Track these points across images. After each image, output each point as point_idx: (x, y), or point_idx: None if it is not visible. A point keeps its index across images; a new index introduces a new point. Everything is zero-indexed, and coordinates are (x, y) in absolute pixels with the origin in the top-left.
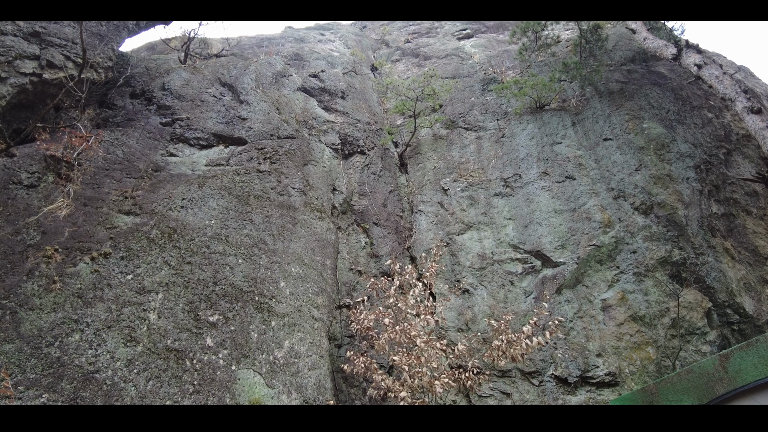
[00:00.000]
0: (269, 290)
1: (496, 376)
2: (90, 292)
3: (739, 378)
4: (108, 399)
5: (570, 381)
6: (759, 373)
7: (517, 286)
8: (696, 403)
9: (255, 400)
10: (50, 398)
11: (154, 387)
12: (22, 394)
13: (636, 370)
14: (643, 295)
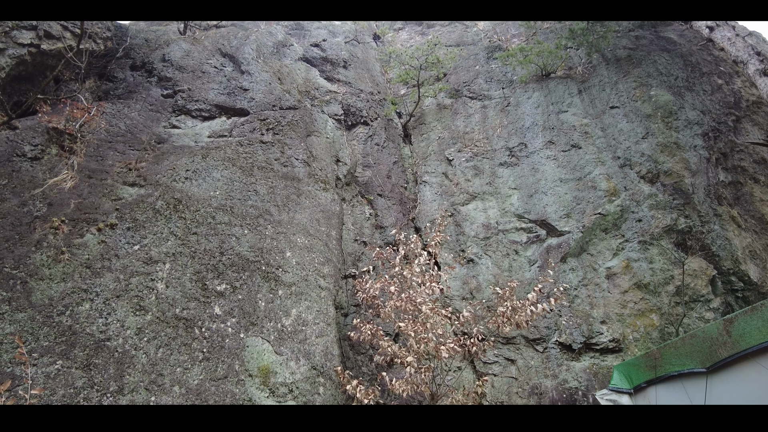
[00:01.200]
0: (276, 260)
1: (500, 343)
2: (98, 263)
3: (742, 341)
4: (120, 366)
5: (574, 347)
6: (763, 336)
7: (522, 256)
8: (699, 367)
9: (263, 367)
10: (64, 365)
11: (164, 354)
12: (36, 361)
13: (639, 336)
14: (648, 264)
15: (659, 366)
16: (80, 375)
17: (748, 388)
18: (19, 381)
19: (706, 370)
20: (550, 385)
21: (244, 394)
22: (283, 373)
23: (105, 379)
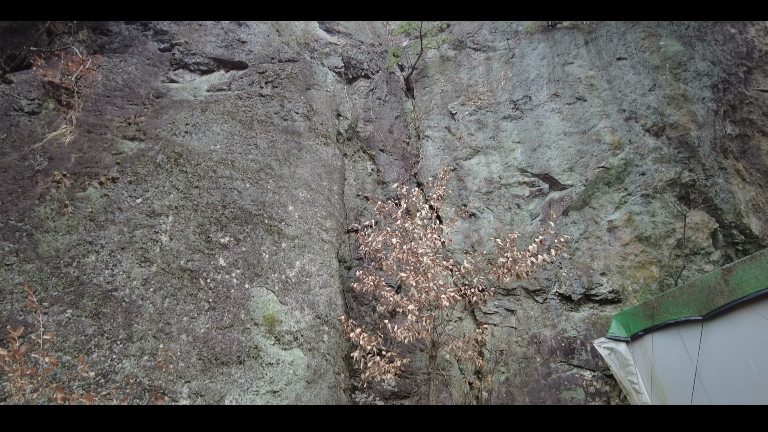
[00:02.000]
0: (278, 214)
1: (501, 294)
2: (101, 216)
3: (739, 290)
4: (128, 315)
5: (574, 298)
6: (760, 285)
7: (524, 209)
8: (695, 315)
9: (269, 316)
10: (74, 314)
11: (170, 304)
12: (47, 309)
13: (639, 288)
14: (650, 217)
15: (657, 315)
16: (90, 323)
17: (742, 335)
18: (32, 328)
19: (702, 318)
20: (549, 334)
21: (250, 341)
22: (288, 322)
23: (114, 327)
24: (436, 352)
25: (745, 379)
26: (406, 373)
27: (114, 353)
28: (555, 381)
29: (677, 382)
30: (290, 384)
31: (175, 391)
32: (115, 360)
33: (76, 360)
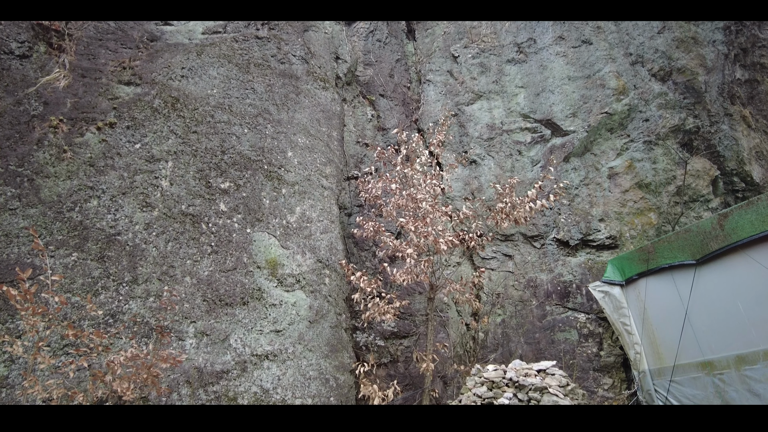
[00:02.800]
0: (277, 159)
1: (499, 239)
2: (101, 161)
3: (734, 234)
4: (132, 258)
5: (571, 244)
6: (755, 229)
7: (525, 156)
8: (689, 260)
9: (271, 260)
10: (79, 257)
11: (173, 248)
12: (53, 253)
13: (636, 234)
14: (651, 164)
15: (651, 259)
16: (96, 266)
17: (733, 279)
18: (40, 270)
19: (696, 262)
20: (545, 278)
21: (254, 284)
22: (290, 265)
23: (119, 270)
24: (435, 294)
25: (733, 320)
26: (405, 314)
27: (120, 295)
28: (550, 323)
29: (667, 323)
30: (293, 324)
31: (181, 330)
32: (122, 301)
33: (84, 300)
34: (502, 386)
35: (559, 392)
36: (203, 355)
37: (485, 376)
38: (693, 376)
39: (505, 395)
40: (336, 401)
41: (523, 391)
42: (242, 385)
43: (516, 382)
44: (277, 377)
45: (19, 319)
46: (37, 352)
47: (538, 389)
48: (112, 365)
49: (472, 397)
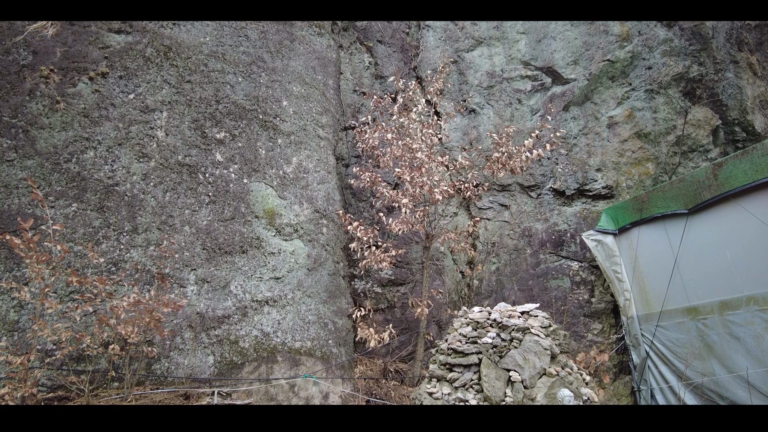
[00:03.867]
0: (272, 109)
1: (496, 189)
2: (95, 112)
3: (727, 184)
4: (131, 208)
5: (567, 193)
6: (748, 178)
7: (525, 104)
8: (682, 209)
9: (269, 210)
10: (79, 207)
11: (171, 198)
12: (53, 203)
13: (633, 184)
14: (652, 113)
15: (645, 209)
16: (96, 216)
17: (723, 228)
18: (41, 220)
19: (688, 211)
20: (540, 227)
21: (252, 233)
22: (288, 215)
23: (119, 220)
24: (430, 243)
25: (720, 268)
26: (401, 263)
27: (121, 244)
28: (543, 270)
29: (657, 271)
30: (292, 271)
31: (182, 278)
32: (123, 250)
33: (86, 249)
34: (486, 326)
35: (540, 332)
36: (204, 301)
37: (471, 317)
38: (678, 321)
39: (488, 335)
40: (334, 344)
41: (506, 331)
42: (243, 329)
43: (500, 323)
44: (278, 321)
45: (24, 267)
46: (44, 297)
47: (521, 329)
48: (116, 310)
49: (458, 337)
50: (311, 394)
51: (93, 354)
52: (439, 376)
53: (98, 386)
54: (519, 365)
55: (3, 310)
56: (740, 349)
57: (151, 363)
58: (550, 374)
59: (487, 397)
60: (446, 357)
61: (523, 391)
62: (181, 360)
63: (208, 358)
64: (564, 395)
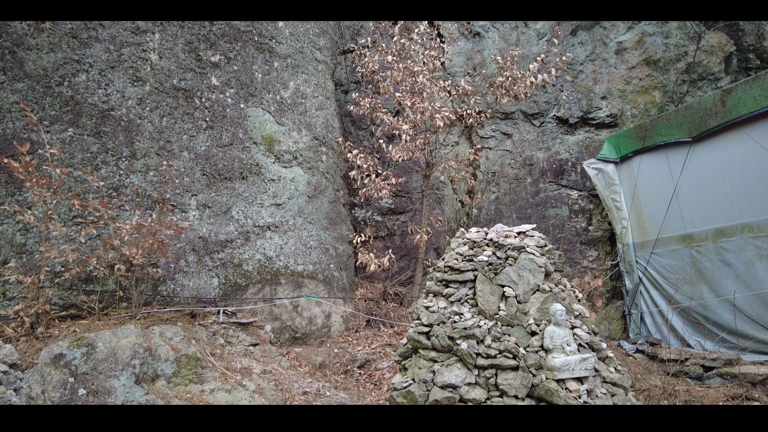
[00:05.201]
0: (268, 30)
1: (498, 117)
2: (84, 33)
3: (734, 111)
4: (128, 134)
5: (571, 122)
6: (757, 105)
7: (531, 28)
8: (685, 137)
9: (267, 136)
10: (75, 132)
11: (168, 123)
12: (48, 128)
13: (638, 112)
14: (663, 38)
15: (648, 137)
16: (93, 141)
17: (725, 156)
18: (38, 145)
19: (692, 139)
20: (542, 156)
21: (251, 159)
22: (287, 142)
23: (117, 145)
24: (430, 172)
25: (718, 197)
26: (401, 192)
27: (120, 169)
28: (542, 199)
29: (656, 200)
30: (292, 198)
31: (183, 203)
32: (123, 175)
33: (86, 174)
34: (483, 246)
35: (536, 251)
36: (207, 226)
37: (468, 237)
38: (673, 248)
39: (484, 253)
40: (335, 268)
41: (501, 250)
42: (246, 252)
43: (496, 242)
44: (280, 246)
45: (26, 192)
46: (48, 220)
47: (516, 248)
48: (119, 232)
49: (455, 255)
50: (314, 313)
51: (100, 276)
52: (436, 292)
53: (107, 306)
54: (513, 281)
55: (9, 233)
56: (730, 275)
57: (157, 285)
58: (543, 290)
59: (482, 311)
60: (443, 274)
61: (517, 306)
62: (186, 282)
63: (213, 281)
64: (556, 309)
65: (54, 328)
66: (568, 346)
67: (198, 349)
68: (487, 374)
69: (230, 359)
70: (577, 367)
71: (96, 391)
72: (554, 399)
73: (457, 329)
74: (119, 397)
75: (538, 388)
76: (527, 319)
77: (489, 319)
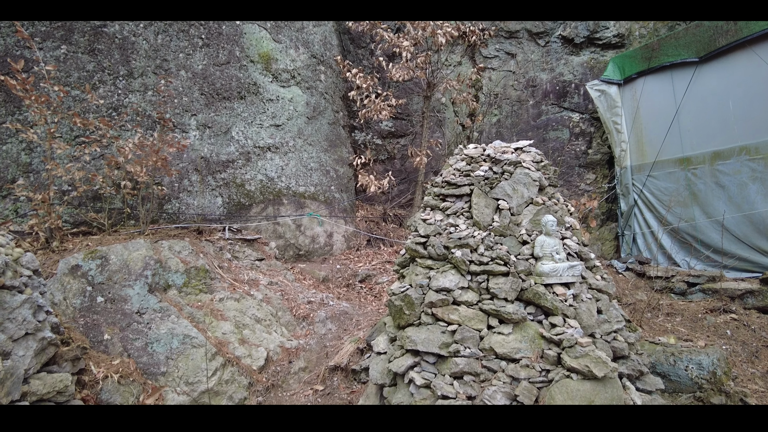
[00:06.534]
0: None
1: (503, 36)
2: None
3: (746, 29)
4: (123, 51)
5: (576, 41)
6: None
7: None
8: (692, 57)
9: (264, 54)
10: (69, 49)
11: (164, 41)
12: (41, 45)
13: (646, 33)
14: None
15: (654, 57)
16: (88, 59)
17: (731, 77)
18: (32, 62)
19: (699, 59)
20: (545, 78)
21: (249, 78)
22: (284, 60)
23: (113, 63)
24: (432, 93)
25: (719, 118)
26: (401, 115)
27: (119, 89)
28: (544, 122)
29: (657, 122)
30: (292, 119)
31: (183, 123)
32: (121, 95)
33: (84, 93)
34: (480, 161)
35: (531, 166)
36: (208, 146)
37: (466, 153)
38: (669, 171)
39: (481, 168)
40: (336, 190)
41: (498, 165)
42: (248, 173)
43: (493, 158)
44: (281, 167)
45: (25, 111)
46: (52, 139)
47: (513, 163)
48: (122, 150)
49: (452, 171)
50: (316, 233)
51: (107, 194)
52: (433, 206)
53: (116, 223)
54: (508, 195)
55: (14, 152)
56: (723, 197)
57: (163, 204)
58: (536, 203)
59: (476, 223)
60: (440, 189)
61: (510, 218)
62: (191, 201)
63: (217, 200)
64: (547, 219)
65: (68, 243)
66: (558, 255)
67: (206, 262)
68: (479, 279)
69: (237, 272)
70: (564, 273)
71: (113, 299)
72: (541, 302)
73: (452, 239)
74: (134, 304)
75: (526, 291)
76: (519, 230)
77: (483, 230)
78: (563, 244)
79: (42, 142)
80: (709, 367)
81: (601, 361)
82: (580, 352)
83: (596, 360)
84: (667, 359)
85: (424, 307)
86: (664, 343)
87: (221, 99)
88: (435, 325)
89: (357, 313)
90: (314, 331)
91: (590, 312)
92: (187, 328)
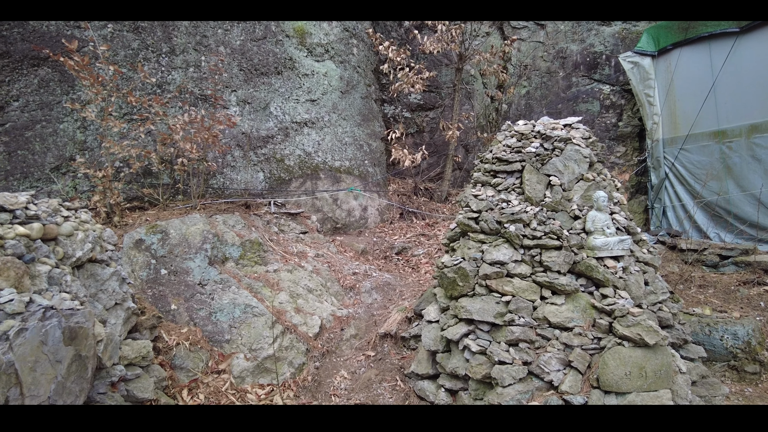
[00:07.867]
0: None
1: None
2: None
3: None
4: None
5: None
6: None
7: None
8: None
9: (298, 28)
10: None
11: None
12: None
13: None
14: None
15: (692, 28)
16: (133, 38)
17: None
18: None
19: (740, 29)
20: (576, 49)
21: (284, 53)
22: (318, 34)
23: (156, 41)
24: (463, 65)
25: (758, 91)
26: (431, 87)
27: (162, 66)
28: (574, 94)
29: (691, 95)
30: (326, 94)
31: (224, 99)
32: (165, 72)
33: (132, 71)
34: (530, 138)
35: (581, 143)
36: (248, 122)
37: (516, 129)
38: (703, 144)
39: (532, 144)
40: (370, 164)
41: (548, 141)
42: (287, 148)
43: (543, 134)
44: (317, 142)
45: (79, 90)
46: (107, 117)
47: (563, 140)
48: (175, 128)
49: (502, 147)
50: (352, 206)
51: (157, 171)
52: (484, 182)
53: (167, 198)
54: (559, 171)
55: (70, 131)
56: (758, 170)
57: (208, 179)
58: (587, 179)
59: (528, 198)
60: (491, 165)
61: (561, 194)
62: (235, 176)
63: (258, 175)
64: (599, 195)
65: (126, 218)
66: (608, 229)
67: (258, 236)
68: (532, 253)
69: (285, 245)
70: (615, 247)
71: (175, 271)
72: (594, 274)
73: (504, 214)
74: (196, 276)
75: (579, 264)
76: (571, 206)
77: (535, 205)
78: (612, 219)
79: (97, 120)
80: (744, 337)
81: (652, 330)
82: (632, 321)
83: (648, 329)
84: (702, 329)
85: (478, 279)
86: (699, 314)
87: (259, 74)
88: (489, 296)
89: (399, 284)
90: (361, 301)
91: (638, 284)
92: (248, 298)
